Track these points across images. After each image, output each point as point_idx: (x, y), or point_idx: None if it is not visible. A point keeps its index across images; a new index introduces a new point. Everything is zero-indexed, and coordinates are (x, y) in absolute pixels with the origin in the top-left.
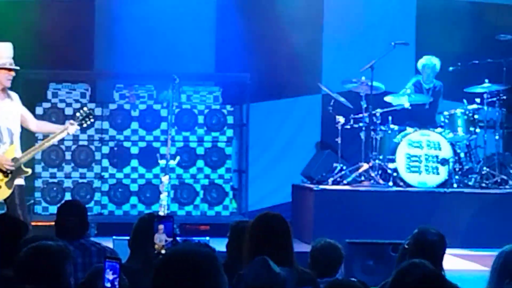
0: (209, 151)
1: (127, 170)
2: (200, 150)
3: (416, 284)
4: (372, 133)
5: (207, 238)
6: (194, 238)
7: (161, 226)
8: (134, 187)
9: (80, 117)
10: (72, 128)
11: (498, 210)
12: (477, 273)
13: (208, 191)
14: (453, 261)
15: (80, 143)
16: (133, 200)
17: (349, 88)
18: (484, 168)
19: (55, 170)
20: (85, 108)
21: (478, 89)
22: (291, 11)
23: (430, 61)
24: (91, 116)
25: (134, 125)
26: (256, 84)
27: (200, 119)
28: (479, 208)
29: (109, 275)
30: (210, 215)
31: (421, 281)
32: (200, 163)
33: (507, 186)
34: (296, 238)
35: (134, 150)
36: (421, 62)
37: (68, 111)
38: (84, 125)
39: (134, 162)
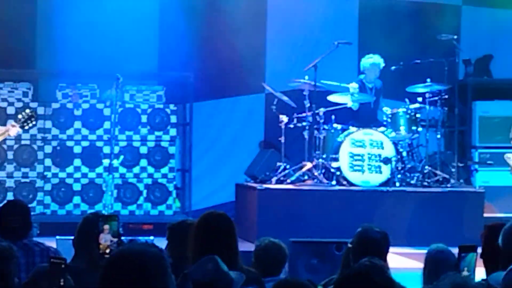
0: (152, 151)
1: (70, 169)
2: (143, 150)
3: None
4: (316, 132)
5: (151, 237)
6: (139, 237)
7: (106, 226)
8: (77, 187)
9: (22, 119)
10: (13, 130)
11: (440, 208)
12: (419, 271)
13: (152, 191)
14: (396, 260)
15: (23, 142)
16: (76, 199)
17: (293, 87)
18: (426, 166)
19: None
20: (27, 110)
21: (420, 89)
22: (234, 11)
23: (377, 60)
24: (33, 118)
25: (77, 124)
26: (200, 83)
27: (144, 118)
28: (421, 207)
29: None
30: (154, 215)
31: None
32: (143, 162)
33: (448, 185)
34: (240, 237)
35: (77, 149)
36: (368, 61)
37: (10, 110)
38: (26, 127)
39: (77, 162)
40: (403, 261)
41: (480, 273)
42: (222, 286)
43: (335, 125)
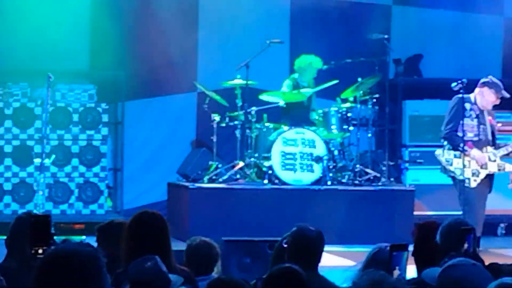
0: (84, 150)
1: (0, 168)
2: (75, 149)
3: None
4: (248, 131)
5: (83, 237)
6: (71, 237)
7: None
8: (7, 186)
9: None
10: None
11: (371, 206)
12: (351, 270)
13: (83, 190)
14: (328, 258)
15: None
16: (7, 199)
17: (225, 86)
18: (357, 165)
19: None
20: None
21: (351, 88)
22: (166, 10)
23: (316, 61)
24: None
25: (8, 123)
26: (132, 82)
27: (75, 117)
28: (352, 205)
29: None
30: (85, 214)
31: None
32: (75, 161)
33: (379, 183)
34: (172, 237)
35: (8, 148)
36: (306, 61)
37: None
38: None
39: (8, 161)
40: (335, 259)
41: (411, 271)
42: (160, 286)
43: (267, 123)
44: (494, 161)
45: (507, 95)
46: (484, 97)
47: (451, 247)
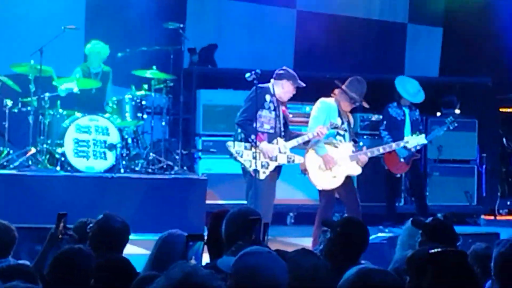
0: None
1: None
2: None
3: None
4: (41, 117)
5: None
6: None
7: None
8: None
9: None
10: None
11: (164, 195)
12: (143, 258)
13: None
14: None
15: None
16: None
17: (18, 71)
18: (151, 153)
19: None
20: None
21: (146, 76)
22: None
23: (102, 47)
24: None
25: None
26: None
27: None
28: (146, 193)
29: None
30: None
31: None
32: None
33: (172, 172)
34: None
35: None
36: (93, 47)
37: None
38: None
39: None
40: (128, 247)
41: (205, 259)
42: None
43: (60, 110)
44: (285, 153)
45: (303, 84)
46: (283, 89)
47: (238, 236)
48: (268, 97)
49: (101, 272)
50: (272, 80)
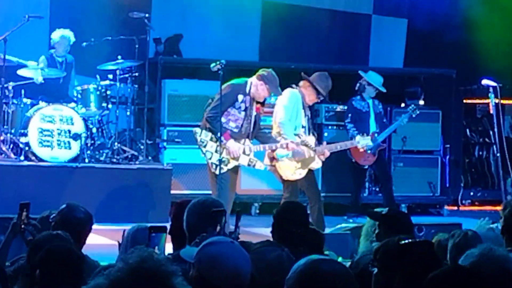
0: None
1: None
2: None
3: None
4: (5, 106)
5: None
6: None
7: None
8: None
9: None
10: None
11: (129, 185)
12: (107, 247)
13: None
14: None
15: None
16: None
17: None
18: (116, 143)
19: None
20: None
21: (111, 65)
22: None
23: (67, 34)
24: None
25: None
26: None
27: None
28: (110, 183)
29: None
30: None
31: None
32: None
33: (137, 162)
34: None
35: None
36: (58, 34)
37: None
38: None
39: None
40: (93, 237)
41: (168, 249)
42: None
43: (24, 99)
44: (248, 155)
45: (280, 93)
46: (257, 90)
47: (199, 227)
48: (240, 97)
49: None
50: (253, 79)
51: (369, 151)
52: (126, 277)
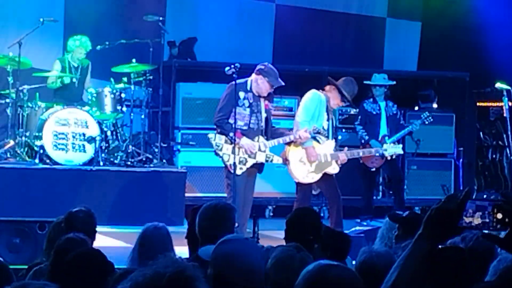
0: None
1: None
2: None
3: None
4: (19, 109)
5: None
6: None
7: None
8: None
9: None
10: None
11: (143, 188)
12: (122, 250)
13: None
14: (99, 239)
15: None
16: None
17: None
18: (130, 146)
19: None
20: None
21: (125, 69)
22: None
23: (84, 41)
24: None
25: None
26: None
27: None
28: (125, 186)
29: None
30: None
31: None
32: None
33: (151, 165)
34: None
35: None
36: (75, 42)
37: None
38: None
39: None
40: (106, 240)
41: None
42: None
43: (39, 103)
44: (264, 151)
45: (282, 84)
46: (258, 85)
47: (210, 230)
48: (242, 94)
49: (73, 266)
50: (253, 75)
51: (377, 154)
52: (157, 283)
